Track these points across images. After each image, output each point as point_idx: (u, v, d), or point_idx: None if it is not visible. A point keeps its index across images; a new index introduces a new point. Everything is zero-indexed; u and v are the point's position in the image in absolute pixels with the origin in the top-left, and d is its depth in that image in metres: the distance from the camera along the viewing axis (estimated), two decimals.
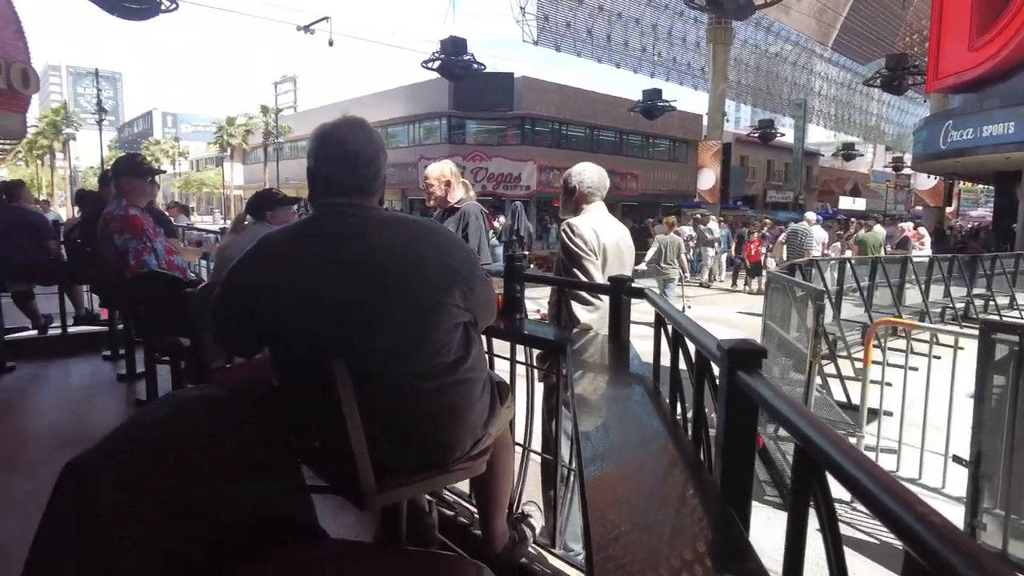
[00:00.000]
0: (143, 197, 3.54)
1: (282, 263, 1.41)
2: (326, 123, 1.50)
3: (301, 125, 41.10)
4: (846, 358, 6.52)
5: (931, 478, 3.50)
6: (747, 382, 0.87)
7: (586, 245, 2.49)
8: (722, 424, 0.93)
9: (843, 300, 7.70)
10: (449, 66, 19.43)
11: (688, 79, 37.98)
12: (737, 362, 0.90)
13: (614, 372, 1.71)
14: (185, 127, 75.51)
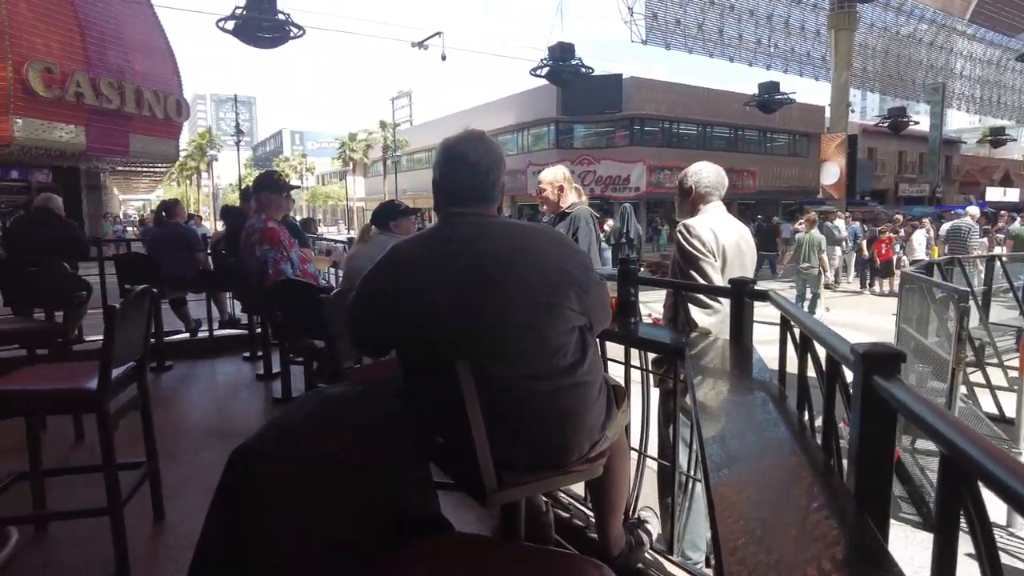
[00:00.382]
0: (280, 210, 3.86)
1: (410, 270, 1.52)
2: (450, 137, 1.59)
3: (417, 138, 42.85)
4: (996, 366, 5.92)
5: None
6: (884, 387, 0.84)
7: (704, 246, 2.43)
8: (856, 430, 0.90)
9: (992, 302, 6.98)
10: (557, 72, 19.53)
11: (808, 69, 35.83)
12: (873, 366, 0.86)
13: (736, 377, 1.67)
14: (311, 144, 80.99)
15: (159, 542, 2.51)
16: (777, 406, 1.48)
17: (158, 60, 18.59)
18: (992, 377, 5.48)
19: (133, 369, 2.47)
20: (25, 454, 2.58)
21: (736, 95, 30.92)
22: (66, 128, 15.44)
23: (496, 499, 1.51)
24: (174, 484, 2.85)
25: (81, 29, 15.92)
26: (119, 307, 2.19)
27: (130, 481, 2.44)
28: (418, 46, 18.72)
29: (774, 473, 1.10)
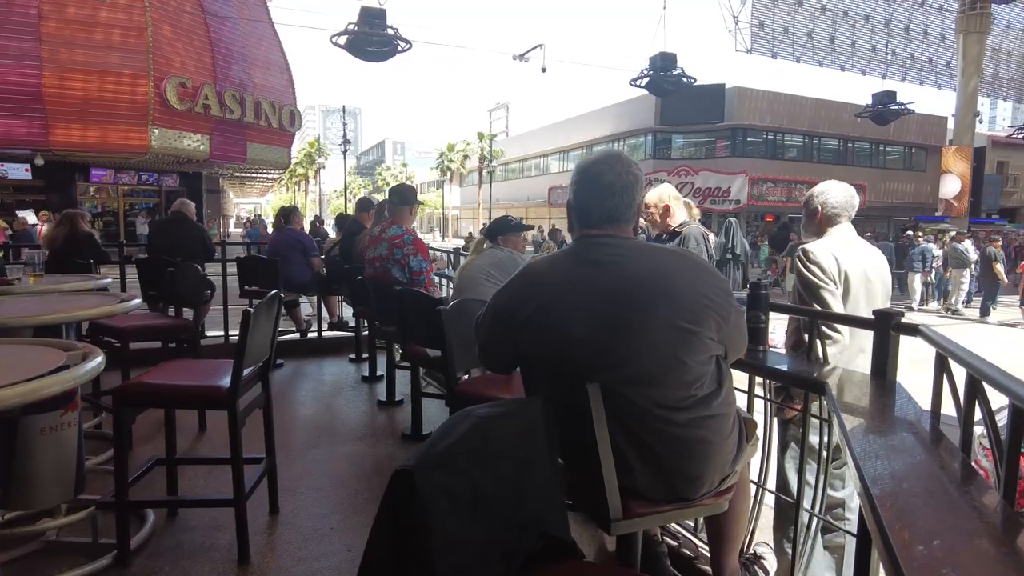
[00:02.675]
0: (412, 222, 4.05)
1: (544, 289, 1.51)
2: (586, 158, 1.58)
3: (512, 149, 43.42)
4: None
5: None
6: None
7: (823, 273, 2.29)
8: None
9: None
10: (658, 82, 19.19)
11: (929, 77, 33.41)
12: None
13: (882, 417, 1.56)
14: (411, 153, 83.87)
15: (276, 534, 2.64)
16: (933, 452, 1.37)
17: (275, 73, 19.86)
18: None
19: (259, 369, 2.61)
20: (158, 441, 2.79)
21: (846, 105, 29.33)
22: (193, 137, 16.76)
23: (619, 527, 1.48)
24: (286, 479, 2.99)
25: (212, 47, 17.28)
26: (253, 311, 2.32)
27: (251, 475, 2.57)
28: (519, 59, 18.96)
29: (954, 526, 1.01)
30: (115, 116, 15.52)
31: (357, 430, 4.00)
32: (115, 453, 2.44)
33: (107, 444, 3.35)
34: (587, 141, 34.40)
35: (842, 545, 2.34)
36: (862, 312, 2.31)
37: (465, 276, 3.25)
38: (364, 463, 3.47)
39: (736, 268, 8.33)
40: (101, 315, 2.95)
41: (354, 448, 3.68)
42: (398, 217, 3.93)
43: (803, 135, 30.16)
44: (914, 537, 0.99)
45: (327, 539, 2.58)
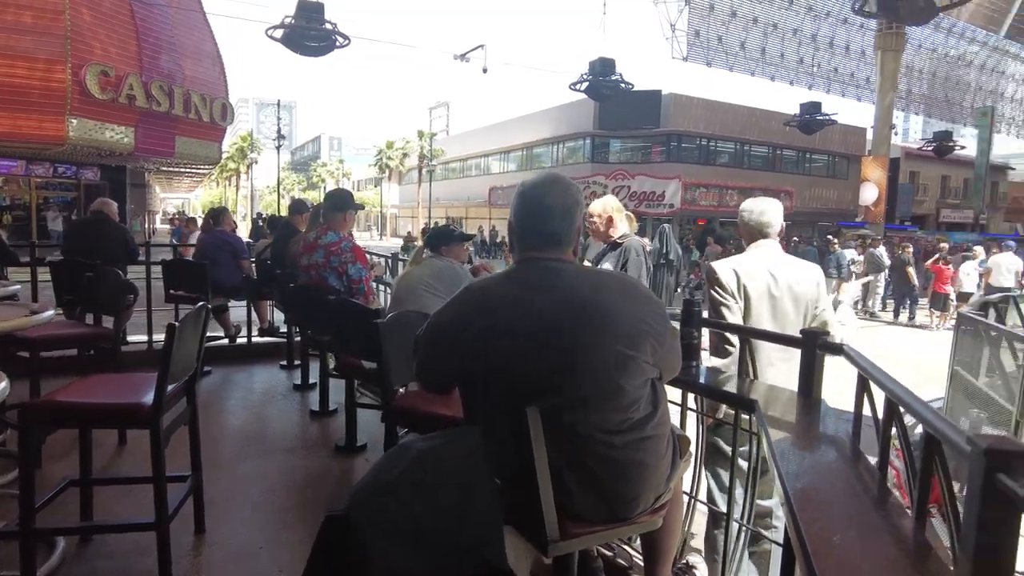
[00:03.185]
0: (348, 228, 3.93)
1: (485, 311, 1.50)
2: (526, 180, 1.58)
3: (453, 148, 43.24)
4: None
5: None
6: (1011, 488, 0.79)
7: (723, 290, 2.41)
8: (973, 532, 0.85)
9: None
10: (597, 87, 19.51)
11: (851, 90, 35.24)
12: (1000, 464, 0.81)
13: (807, 434, 1.62)
14: (348, 150, 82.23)
15: (201, 555, 2.52)
16: (853, 467, 1.43)
17: (207, 65, 19.09)
18: None
19: (184, 383, 2.50)
20: (72, 459, 2.62)
21: (775, 114, 30.60)
22: (116, 129, 15.91)
23: (557, 549, 1.48)
24: (214, 495, 2.86)
25: (138, 34, 16.44)
26: (178, 325, 2.21)
27: (176, 493, 2.45)
28: (460, 58, 18.88)
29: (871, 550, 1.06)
30: (27, 104, 14.53)
31: (289, 441, 3.88)
32: (20, 475, 2.27)
33: (13, 463, 3.13)
34: (528, 143, 34.65)
35: (769, 551, 2.43)
36: (764, 327, 2.40)
37: (404, 286, 3.17)
38: (296, 476, 3.37)
39: (670, 273, 8.59)
40: (6, 330, 2.75)
41: (286, 460, 3.56)
42: (333, 223, 3.81)
43: (734, 142, 31.27)
44: (831, 552, 1.04)
45: (256, 558, 2.49)
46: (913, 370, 8.05)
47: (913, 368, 8.17)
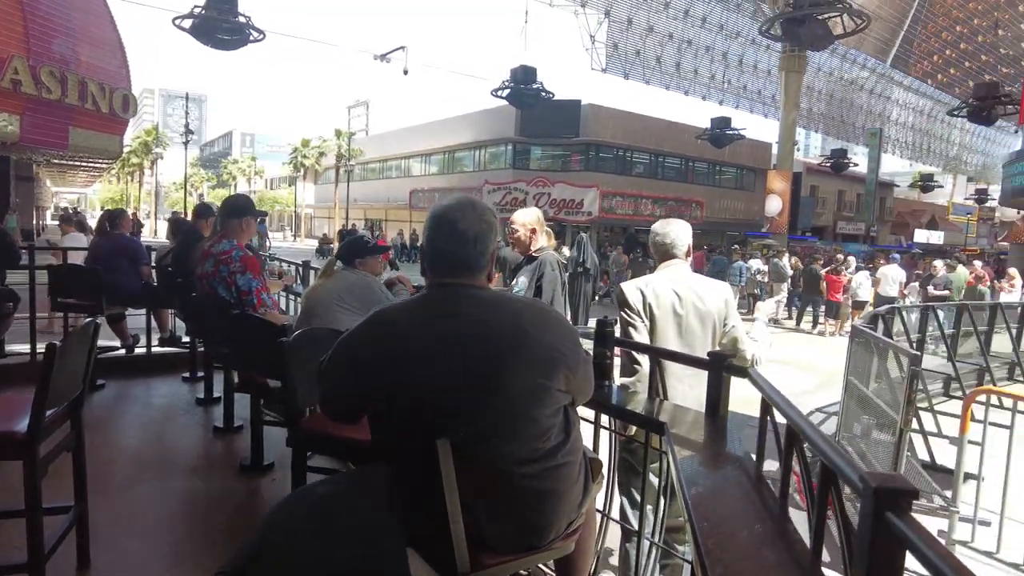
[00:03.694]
0: (248, 236, 3.71)
1: (394, 340, 1.44)
2: (439, 203, 1.53)
3: (372, 148, 42.43)
4: (927, 410, 6.14)
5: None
6: (898, 526, 0.82)
7: (631, 310, 2.49)
8: (863, 569, 0.88)
9: (925, 349, 7.29)
10: (518, 94, 19.70)
11: (759, 107, 37.34)
12: (888, 503, 0.85)
13: (713, 456, 1.66)
14: (262, 147, 78.94)
15: None
16: (756, 490, 1.48)
17: (106, 52, 17.80)
18: (924, 422, 5.69)
19: (68, 407, 2.29)
20: None
21: (688, 127, 31.82)
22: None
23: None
24: (104, 525, 2.64)
25: (24, 14, 15.14)
26: (60, 345, 2.02)
27: (55, 527, 2.24)
28: (381, 59, 18.56)
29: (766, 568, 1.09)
30: None
31: (190, 461, 3.65)
32: None
33: None
34: (449, 146, 34.51)
35: (681, 566, 2.48)
36: (672, 345, 2.48)
37: (313, 301, 3.03)
38: (197, 499, 3.17)
39: (587, 281, 8.75)
40: None
41: (186, 483, 3.35)
42: (229, 231, 3.58)
43: (650, 153, 32.28)
44: None
45: None
46: (813, 375, 8.55)
47: (813, 373, 8.67)
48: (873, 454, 3.89)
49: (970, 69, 39.27)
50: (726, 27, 33.86)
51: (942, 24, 36.47)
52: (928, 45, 37.83)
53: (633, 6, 30.73)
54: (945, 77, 41.98)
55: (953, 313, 8.01)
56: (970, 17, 35.07)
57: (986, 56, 38.20)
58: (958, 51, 38.97)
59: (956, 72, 40.80)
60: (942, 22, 36.32)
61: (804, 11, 14.50)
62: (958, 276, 12.69)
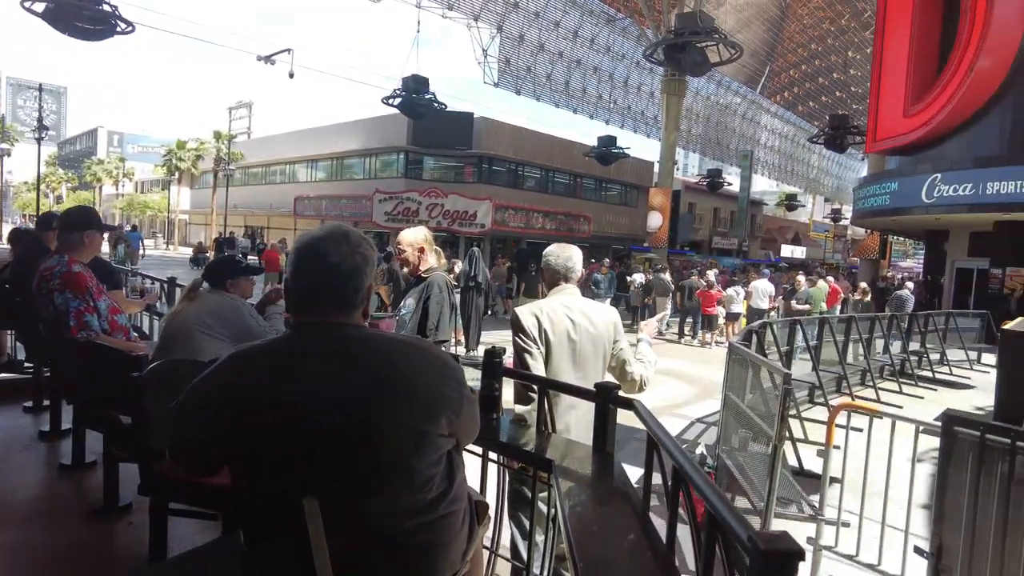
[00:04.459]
0: (90, 252, 3.30)
1: (255, 386, 1.28)
2: (307, 233, 1.39)
3: (255, 152, 40.41)
4: (795, 417, 6.58)
5: (890, 564, 3.51)
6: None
7: (527, 336, 2.44)
8: None
9: (793, 358, 7.86)
10: (410, 103, 19.45)
11: (642, 127, 39.30)
12: (776, 567, 0.82)
13: (599, 493, 1.62)
14: (132, 148, 72.81)
15: None
16: (642, 530, 1.44)
17: None
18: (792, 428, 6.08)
19: None
20: None
21: (577, 144, 32.83)
22: None
23: None
24: None
25: None
26: None
27: None
28: (265, 60, 17.68)
29: None
30: None
31: (29, 507, 3.18)
32: None
33: None
34: (338, 152, 33.53)
35: None
36: (566, 370, 2.46)
37: (175, 327, 2.71)
38: (35, 554, 2.75)
39: (478, 295, 8.71)
40: None
41: (22, 533, 2.89)
42: (67, 246, 3.17)
43: (540, 168, 32.98)
44: None
45: None
46: (693, 385, 8.96)
47: (693, 383, 9.09)
48: (750, 466, 4.08)
49: (826, 102, 43.58)
50: (612, 49, 35.38)
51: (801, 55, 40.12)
52: (788, 76, 41.55)
53: (524, 23, 31.38)
54: (805, 109, 46.38)
55: (815, 326, 8.69)
56: (827, 52, 38.81)
57: (840, 92, 42.52)
58: (816, 84, 43.04)
59: (814, 105, 45.14)
60: (801, 53, 39.96)
61: (684, 38, 15.37)
62: (818, 290, 13.82)
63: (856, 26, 34.30)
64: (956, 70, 15.59)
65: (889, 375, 10.09)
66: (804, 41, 38.51)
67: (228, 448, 1.32)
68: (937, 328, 11.92)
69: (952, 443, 2.87)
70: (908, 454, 3.57)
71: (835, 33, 36.87)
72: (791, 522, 4.08)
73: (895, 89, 17.87)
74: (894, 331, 10.69)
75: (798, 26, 37.30)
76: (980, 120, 15.81)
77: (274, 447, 1.26)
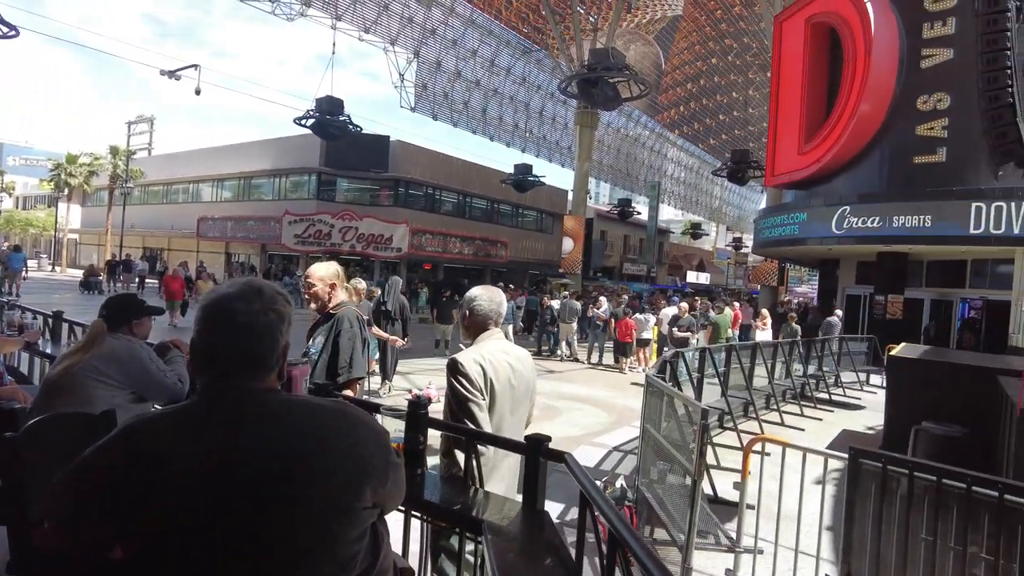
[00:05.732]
0: None
1: (154, 460, 1.12)
2: (216, 289, 1.26)
3: (156, 169, 38.28)
4: (707, 444, 6.77)
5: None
6: None
7: (471, 385, 2.31)
8: None
9: (704, 384, 8.11)
10: (324, 125, 19.04)
11: (556, 156, 40.37)
12: None
13: (532, 551, 1.55)
14: (12, 160, 67.15)
15: None
16: None
17: None
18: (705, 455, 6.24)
19: None
20: None
21: (494, 171, 33.17)
22: None
23: None
24: None
25: None
26: None
27: None
28: (170, 75, 16.80)
29: None
30: None
31: None
32: None
33: None
34: (246, 172, 32.28)
35: None
36: (507, 418, 2.38)
37: (61, 374, 2.40)
38: None
39: (390, 324, 8.54)
40: None
41: None
42: None
43: (457, 192, 33.00)
44: None
45: None
46: (610, 413, 9.07)
47: (610, 411, 9.19)
48: (668, 498, 4.13)
49: (727, 139, 46.40)
50: (528, 80, 36.22)
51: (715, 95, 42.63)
52: (687, 108, 43.98)
53: (442, 50, 31.61)
54: (707, 145, 49.27)
55: (723, 353, 9.02)
56: (728, 89, 41.39)
57: (739, 130, 45.40)
58: (717, 120, 45.75)
59: (715, 141, 48.00)
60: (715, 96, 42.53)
61: (597, 73, 15.90)
62: (724, 317, 14.44)
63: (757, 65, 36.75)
64: (842, 113, 16.93)
65: (791, 398, 10.62)
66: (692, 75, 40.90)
67: (123, 528, 1.15)
68: (832, 352, 12.71)
69: (857, 475, 3.00)
70: (818, 475, 3.72)
71: (722, 70, 39.41)
72: (710, 553, 4.15)
73: (790, 129, 19.17)
74: (795, 356, 11.29)
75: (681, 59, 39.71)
76: (863, 159, 17.19)
77: (171, 531, 1.11)
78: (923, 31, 15.93)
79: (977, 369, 6.02)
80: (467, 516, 1.63)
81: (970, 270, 16.97)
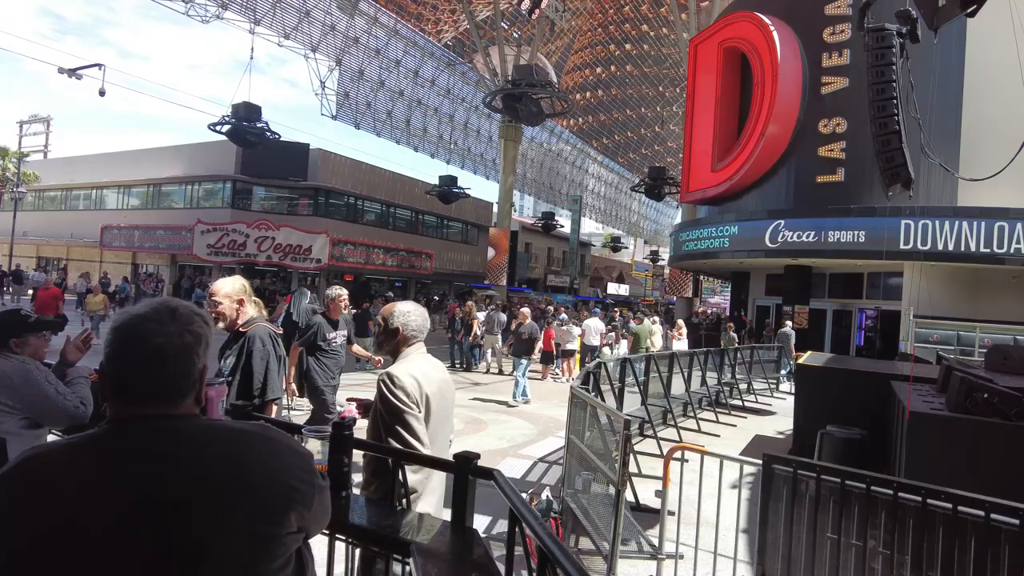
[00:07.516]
0: None
1: (46, 502, 1.03)
2: (127, 311, 1.18)
3: (53, 174, 35.76)
4: (629, 452, 6.92)
5: None
6: None
7: (408, 398, 2.30)
8: None
9: (625, 393, 8.31)
10: (240, 131, 18.36)
11: (481, 168, 40.58)
12: None
13: (461, 570, 1.53)
14: None
15: None
16: None
17: None
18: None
19: None
20: None
21: (419, 182, 32.95)
22: None
23: None
24: None
25: None
26: None
27: None
28: (69, 74, 15.73)
29: None
30: None
31: None
32: None
33: None
34: (156, 179, 30.66)
35: None
36: (440, 430, 2.37)
37: None
38: None
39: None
40: None
41: None
42: None
43: (381, 203, 32.51)
44: None
45: None
46: (535, 424, 9.13)
47: (536, 422, 9.26)
48: (592, 508, 4.20)
49: (646, 154, 48.08)
50: (452, 92, 36.29)
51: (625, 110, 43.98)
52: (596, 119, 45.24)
53: (364, 59, 31.20)
54: (625, 160, 50.85)
55: (643, 363, 9.28)
56: (639, 102, 42.87)
57: (658, 146, 47.14)
58: (639, 134, 47.28)
59: (635, 155, 49.61)
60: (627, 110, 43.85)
61: (521, 89, 16.12)
62: (643, 328, 14.87)
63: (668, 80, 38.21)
64: (752, 134, 17.90)
65: (707, 405, 11.04)
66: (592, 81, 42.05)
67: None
68: (744, 360, 13.32)
69: (770, 479, 3.15)
70: (735, 480, 3.88)
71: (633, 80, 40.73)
72: (633, 560, 4.24)
73: (704, 147, 20.08)
74: (710, 364, 11.76)
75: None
76: (771, 177, 18.22)
77: (83, 574, 1.02)
78: (823, 60, 17.12)
79: (872, 375, 6.44)
80: (394, 538, 1.59)
81: (867, 282, 18.25)
